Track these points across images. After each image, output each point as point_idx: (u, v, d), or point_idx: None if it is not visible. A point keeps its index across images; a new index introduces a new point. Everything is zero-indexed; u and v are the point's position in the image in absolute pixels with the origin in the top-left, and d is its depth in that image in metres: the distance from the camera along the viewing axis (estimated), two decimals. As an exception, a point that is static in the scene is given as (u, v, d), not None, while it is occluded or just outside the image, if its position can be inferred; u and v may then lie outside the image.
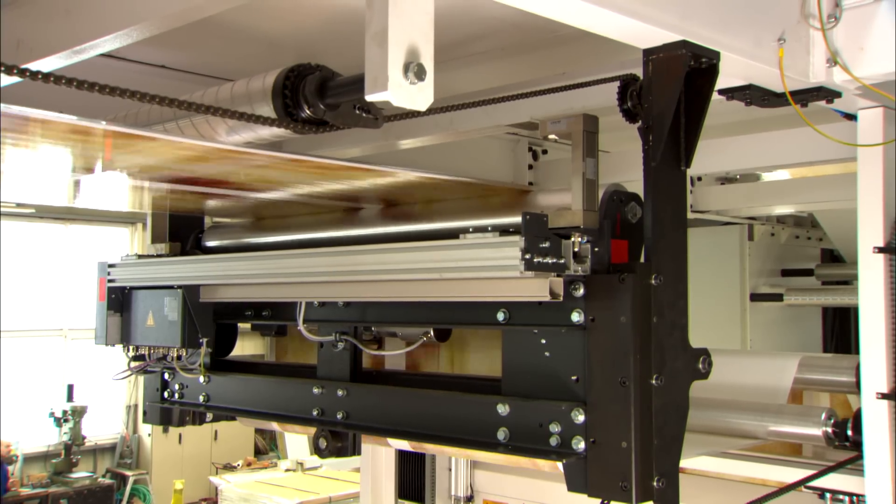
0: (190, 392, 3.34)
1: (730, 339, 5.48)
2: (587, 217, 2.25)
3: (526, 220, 2.19)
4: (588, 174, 2.27)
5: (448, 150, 3.96)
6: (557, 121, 2.31)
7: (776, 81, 2.49)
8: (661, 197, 2.19)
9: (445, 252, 2.36)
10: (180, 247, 3.47)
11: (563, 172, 2.33)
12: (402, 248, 2.48)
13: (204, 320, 3.20)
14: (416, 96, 1.64)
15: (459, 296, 2.42)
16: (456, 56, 3.32)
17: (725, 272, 5.58)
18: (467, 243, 2.32)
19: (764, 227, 5.75)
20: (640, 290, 2.14)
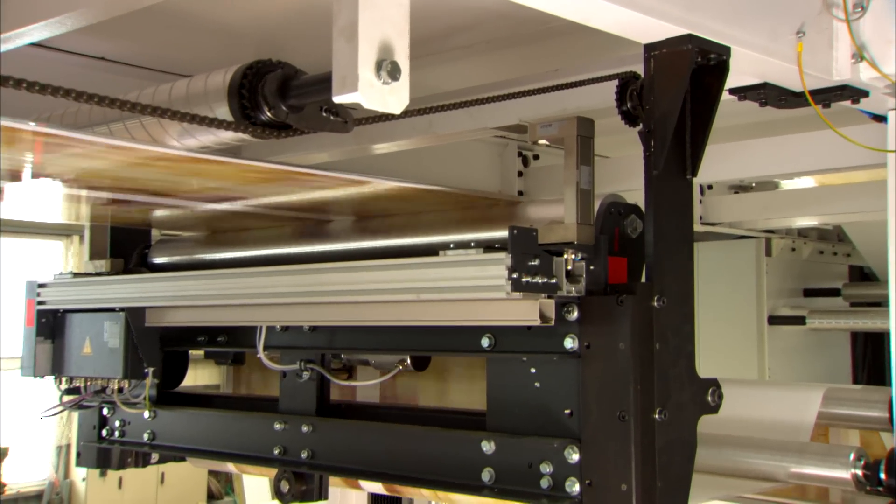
0: (133, 429, 3.33)
1: (745, 368, 5.53)
2: (581, 232, 2.29)
3: (513, 234, 2.22)
4: (582, 184, 2.30)
5: (428, 156, 4.00)
6: (548, 124, 2.35)
7: (794, 79, 2.54)
8: (664, 209, 2.22)
9: (423, 270, 2.39)
10: (123, 264, 3.47)
11: (557, 180, 2.35)
12: (375, 265, 2.51)
13: (150, 347, 3.19)
14: (390, 98, 1.66)
15: (439, 319, 2.45)
16: (435, 51, 3.36)
17: (740, 292, 5.64)
18: (448, 261, 2.35)
19: (783, 242, 5.82)
20: (640, 313, 2.17)
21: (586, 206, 2.31)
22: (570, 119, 2.34)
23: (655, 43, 2.27)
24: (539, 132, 2.37)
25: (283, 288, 2.71)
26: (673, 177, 2.26)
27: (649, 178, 2.22)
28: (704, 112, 2.28)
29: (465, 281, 2.31)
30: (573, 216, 2.30)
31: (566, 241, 2.28)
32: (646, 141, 2.24)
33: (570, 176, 2.31)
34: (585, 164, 2.31)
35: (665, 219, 2.23)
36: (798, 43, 2.48)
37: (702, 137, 2.28)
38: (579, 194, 2.30)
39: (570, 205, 2.30)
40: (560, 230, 2.29)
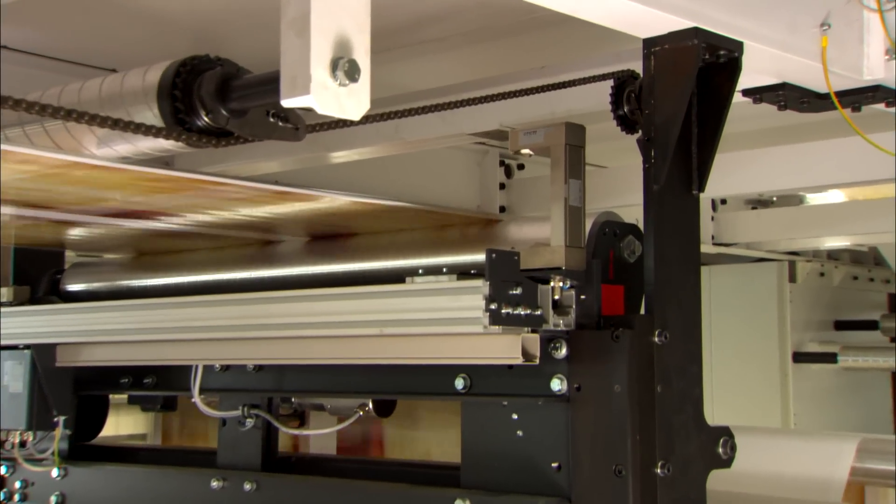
0: (38, 491, 3.28)
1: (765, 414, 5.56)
2: (570, 256, 2.31)
3: (491, 259, 2.24)
4: (572, 200, 2.33)
5: (394, 166, 4.02)
6: (532, 130, 2.38)
7: (818, 79, 2.57)
8: (666, 229, 2.26)
9: (388, 300, 2.41)
10: (29, 292, 3.43)
11: (546, 194, 2.41)
12: (331, 294, 2.52)
13: (61, 392, 3.15)
14: (348, 101, 1.68)
15: (406, 357, 2.47)
16: (402, 44, 3.38)
17: (759, 324, 5.67)
18: (416, 289, 2.37)
19: (810, 266, 5.87)
20: (639, 350, 2.20)
21: (576, 226, 2.34)
22: (557, 125, 2.37)
23: (656, 37, 2.30)
24: (521, 140, 2.40)
25: (223, 320, 2.71)
26: (677, 192, 2.29)
27: (649, 194, 2.25)
28: (713, 117, 2.32)
29: (435, 312, 2.33)
30: (561, 237, 2.32)
31: (553, 266, 2.30)
32: (645, 151, 2.27)
33: (557, 191, 2.34)
34: (575, 177, 2.35)
35: (668, 240, 2.26)
36: (822, 37, 2.51)
37: (710, 146, 2.32)
38: (568, 212, 2.33)
39: (558, 224, 2.33)
40: (546, 254, 2.32)
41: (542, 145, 2.39)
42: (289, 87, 1.66)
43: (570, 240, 2.33)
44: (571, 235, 2.33)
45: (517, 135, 2.41)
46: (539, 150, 2.41)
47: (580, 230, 2.36)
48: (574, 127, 2.38)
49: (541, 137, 2.37)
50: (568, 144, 2.35)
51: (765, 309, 5.70)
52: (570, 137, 2.35)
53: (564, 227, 2.32)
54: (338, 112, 1.68)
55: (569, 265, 2.30)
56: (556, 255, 2.31)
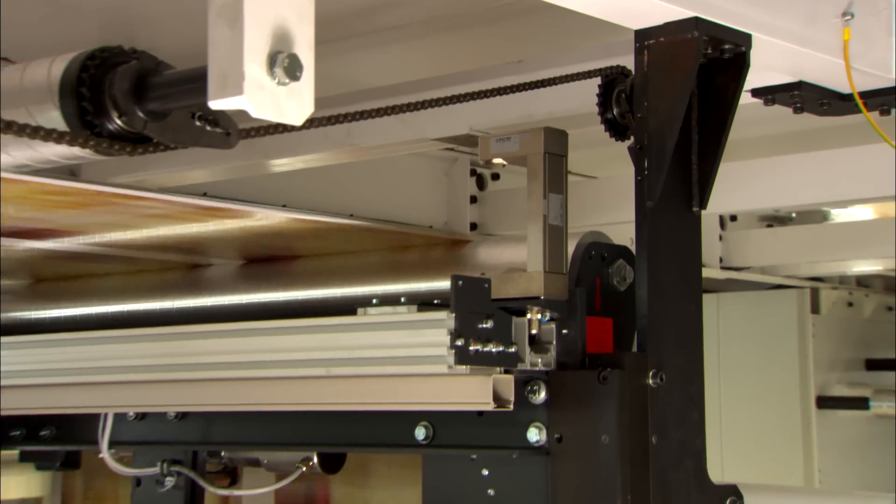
0: None
1: (785, 469, 5.55)
2: (551, 283, 2.34)
3: (458, 286, 2.27)
4: (552, 218, 2.36)
5: (346, 176, 4.03)
6: (506, 137, 2.40)
7: (840, 77, 2.60)
8: (662, 252, 2.29)
9: (336, 335, 2.43)
10: None
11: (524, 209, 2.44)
12: (269, 328, 2.54)
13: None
14: (288, 103, 1.69)
15: (357, 402, 2.49)
16: (355, 32, 3.38)
17: (777, 363, 5.67)
18: (369, 322, 2.40)
19: (837, 294, 5.88)
20: (630, 394, 2.22)
21: (557, 249, 2.37)
22: (535, 130, 2.39)
23: (650, 29, 2.32)
24: (493, 148, 2.42)
25: (138, 359, 2.70)
26: (674, 208, 2.33)
27: (642, 211, 2.28)
28: (717, 121, 2.36)
29: (392, 349, 2.36)
30: (539, 262, 2.35)
31: (529, 295, 2.32)
32: (638, 160, 2.31)
33: (534, 207, 2.37)
34: (556, 191, 2.38)
35: (664, 265, 2.29)
36: (844, 28, 2.53)
37: (713, 155, 2.36)
38: (547, 232, 2.36)
39: (536, 246, 2.36)
40: (521, 281, 2.34)
41: (518, 154, 2.41)
42: (218, 86, 1.67)
43: (550, 265, 2.35)
44: (551, 259, 2.35)
45: (488, 142, 2.44)
46: (514, 159, 2.43)
47: (562, 253, 2.38)
48: (554, 133, 2.40)
49: (516, 145, 2.40)
50: (547, 153, 2.38)
51: (783, 345, 5.71)
52: (550, 144, 2.38)
53: (543, 249, 2.35)
54: (276, 116, 1.69)
55: (548, 294, 2.32)
56: (533, 282, 2.33)
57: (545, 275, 2.34)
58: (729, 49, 2.36)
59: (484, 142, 2.46)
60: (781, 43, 2.47)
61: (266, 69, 1.66)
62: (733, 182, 3.78)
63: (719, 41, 2.34)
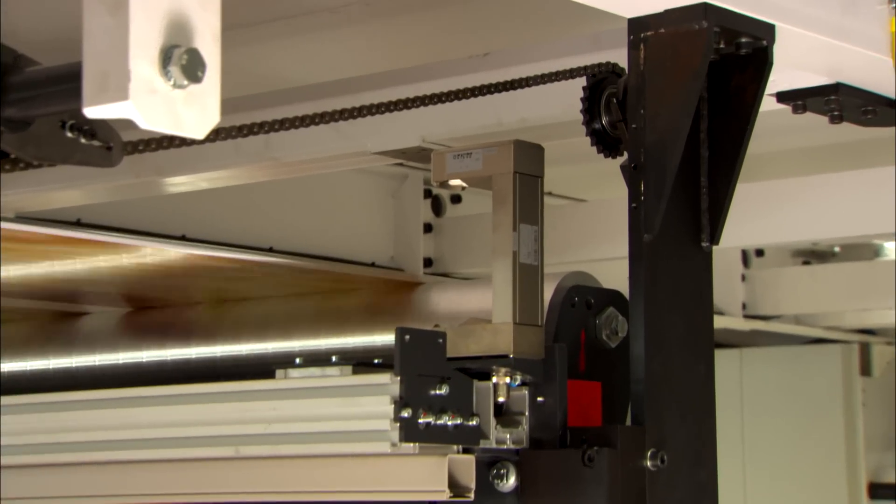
0: None
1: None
2: (522, 338, 2.34)
3: (404, 342, 2.27)
4: (523, 255, 2.36)
5: (265, 199, 3.99)
6: (466, 152, 2.40)
7: (886, 77, 2.64)
8: (663, 298, 2.30)
9: (249, 405, 2.41)
10: None
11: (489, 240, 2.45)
12: (161, 396, 2.51)
13: None
14: (187, 112, 1.68)
15: (276, 491, 2.45)
16: (274, 15, 3.38)
17: (817, 438, 5.63)
18: (291, 388, 2.38)
19: (892, 351, 5.84)
20: (624, 479, 2.21)
21: (531, 294, 2.37)
22: (503, 144, 2.39)
23: (648, 17, 2.35)
24: (450, 166, 2.43)
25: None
26: (679, 243, 2.35)
27: (638, 247, 2.29)
28: (734, 132, 2.37)
29: (320, 423, 2.35)
30: (507, 310, 2.35)
31: (496, 353, 2.33)
32: (632, 182, 2.32)
33: (502, 242, 2.37)
34: (529, 220, 2.38)
35: (666, 314, 2.30)
36: (891, 18, 2.57)
37: (728, 175, 2.37)
38: (518, 272, 2.35)
39: (503, 291, 2.36)
40: (486, 335, 2.34)
41: (481, 174, 2.41)
42: (96, 88, 1.65)
43: (522, 314, 2.35)
44: (523, 307, 2.35)
45: (443, 158, 2.45)
46: (476, 180, 2.43)
47: (536, 300, 2.38)
48: (527, 147, 2.41)
49: (478, 162, 2.40)
50: (518, 172, 2.38)
51: (825, 415, 5.68)
52: (522, 161, 2.39)
53: (513, 294, 2.35)
54: (172, 127, 1.67)
55: (519, 352, 2.32)
56: (500, 336, 2.33)
57: (515, 327, 2.34)
58: (747, 43, 2.37)
59: (438, 158, 2.47)
60: (813, 35, 2.47)
61: (158, 68, 1.65)
62: (757, 208, 3.79)
63: (735, 33, 2.35)
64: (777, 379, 5.69)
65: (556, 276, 2.49)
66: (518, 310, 2.36)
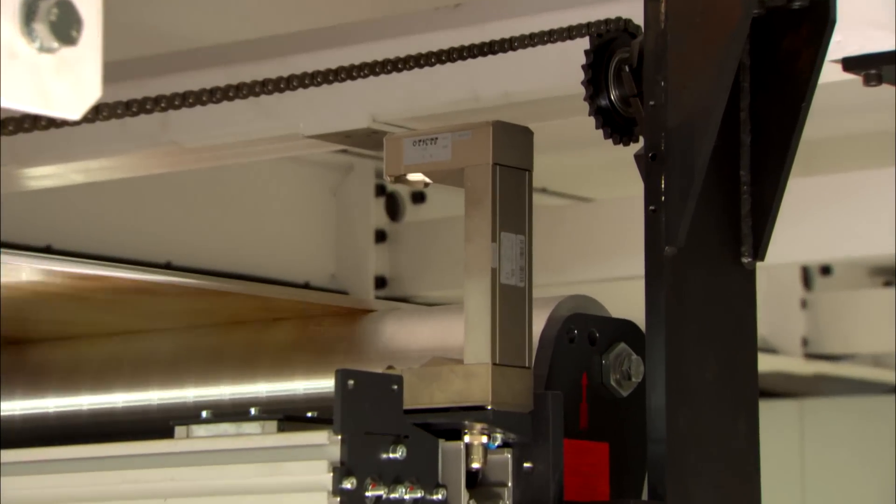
0: None
1: None
2: (504, 383, 2.35)
3: (346, 390, 2.26)
4: (505, 274, 2.37)
5: (165, 199, 4.02)
6: (429, 137, 2.43)
7: None
8: (690, 331, 2.31)
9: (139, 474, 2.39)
10: None
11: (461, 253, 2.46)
12: (16, 462, 2.45)
13: None
14: (57, 83, 1.69)
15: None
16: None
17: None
18: (196, 451, 2.37)
19: None
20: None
21: (515, 325, 2.38)
22: (479, 127, 2.41)
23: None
24: (409, 156, 2.45)
25: None
26: (711, 259, 2.37)
27: (656, 264, 2.30)
28: (784, 110, 2.38)
29: (235, 498, 2.34)
30: (484, 347, 2.35)
31: (468, 403, 2.34)
32: (651, 178, 2.33)
33: (477, 256, 2.39)
34: (513, 228, 2.39)
35: (694, 353, 2.31)
36: None
37: (777, 168, 2.38)
38: (499, 297, 2.36)
39: (478, 321, 2.37)
40: (455, 379, 2.35)
41: (449, 166, 2.44)
42: None
43: (503, 352, 2.36)
44: (505, 343, 2.37)
45: (399, 146, 2.46)
46: (442, 174, 2.47)
47: (523, 333, 2.39)
48: (510, 131, 2.42)
49: (446, 150, 2.41)
50: (498, 164, 2.39)
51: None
52: (504, 150, 2.40)
53: (491, 325, 2.36)
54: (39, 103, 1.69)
55: (499, 402, 2.34)
56: (474, 382, 2.34)
57: (494, 369, 2.34)
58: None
59: (393, 145, 2.48)
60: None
61: (19, 25, 1.66)
62: (818, 211, 3.80)
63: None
64: (849, 437, 5.71)
65: (550, 302, 2.51)
66: (498, 347, 2.37)
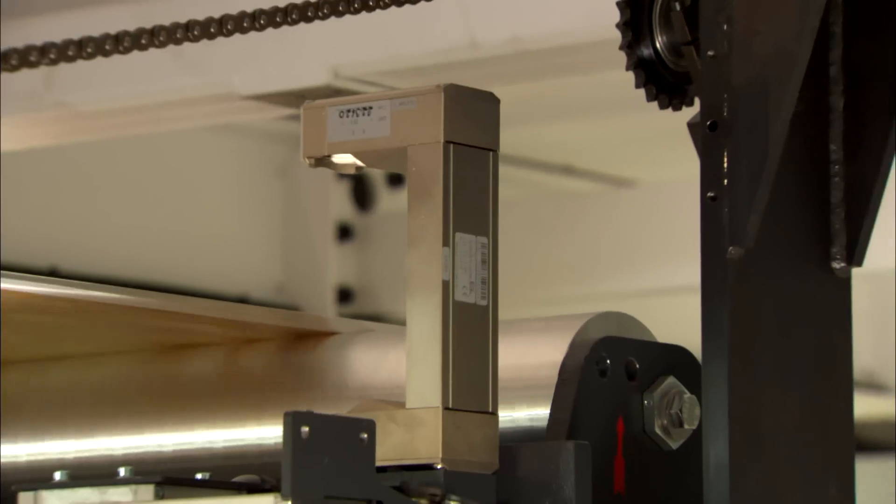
0: None
1: None
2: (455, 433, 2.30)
3: (298, 439, 2.15)
4: (460, 289, 2.31)
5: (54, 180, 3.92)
6: (361, 106, 2.28)
7: None
8: (763, 361, 2.12)
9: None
10: None
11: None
12: None
13: None
14: None
15: None
16: None
17: None
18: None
19: None
20: None
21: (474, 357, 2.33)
22: (425, 93, 2.30)
23: None
24: (334, 131, 2.34)
25: None
26: (789, 263, 2.36)
27: (718, 269, 2.17)
28: (890, 62, 2.38)
29: None
30: (432, 385, 2.29)
31: (413, 461, 2.32)
32: (709, 154, 2.20)
33: (423, 265, 2.30)
34: (471, 228, 2.32)
35: (769, 390, 2.12)
36: None
37: (879, 143, 2.20)
38: (452, 317, 2.29)
39: (426, 353, 2.30)
40: (394, 429, 2.32)
41: (386, 145, 2.33)
42: None
43: (457, 394, 2.31)
44: (460, 381, 2.31)
45: (321, 117, 2.34)
46: (378, 155, 2.37)
47: (485, 366, 2.34)
48: (468, 97, 2.31)
49: (384, 124, 2.30)
50: (452, 143, 2.32)
51: None
52: (459, 125, 2.30)
53: (442, 358, 2.30)
54: None
55: (453, 459, 2.30)
56: (418, 432, 2.33)
57: (446, 415, 2.30)
58: None
59: (313, 118, 2.37)
60: None
61: None
62: None
63: None
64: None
65: (573, 322, 2.34)
66: (452, 386, 2.34)
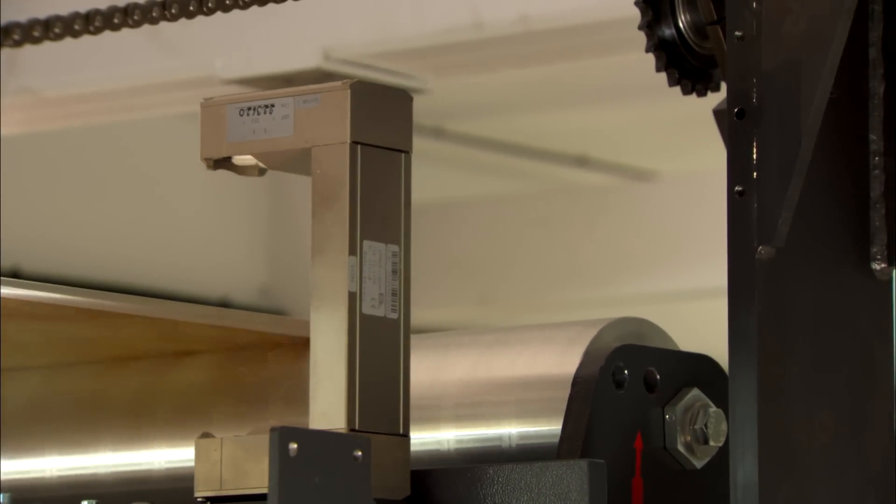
0: None
1: None
2: None
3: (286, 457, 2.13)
4: (368, 302, 2.33)
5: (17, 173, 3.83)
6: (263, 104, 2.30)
7: None
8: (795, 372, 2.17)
9: None
10: None
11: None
12: None
13: None
14: None
15: None
16: None
17: None
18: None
19: None
20: None
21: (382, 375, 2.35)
22: (331, 89, 2.30)
23: None
24: (234, 131, 2.33)
25: None
26: (825, 264, 2.26)
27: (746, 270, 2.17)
28: None
29: None
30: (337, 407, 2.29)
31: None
32: (736, 144, 2.20)
33: (327, 275, 2.30)
34: (380, 236, 2.32)
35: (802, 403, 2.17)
36: None
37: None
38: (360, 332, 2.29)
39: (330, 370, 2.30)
40: None
41: (289, 146, 2.33)
42: None
43: (364, 415, 2.32)
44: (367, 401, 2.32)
45: (219, 116, 2.33)
46: (281, 157, 2.35)
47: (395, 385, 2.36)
48: (377, 94, 2.33)
49: (287, 122, 2.31)
50: (360, 144, 2.32)
51: None
52: (367, 124, 2.32)
53: (348, 376, 2.30)
54: None
55: None
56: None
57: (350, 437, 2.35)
58: None
59: (210, 116, 2.36)
60: None
61: None
62: None
63: None
64: None
65: (588, 328, 2.31)
66: (358, 406, 2.34)
